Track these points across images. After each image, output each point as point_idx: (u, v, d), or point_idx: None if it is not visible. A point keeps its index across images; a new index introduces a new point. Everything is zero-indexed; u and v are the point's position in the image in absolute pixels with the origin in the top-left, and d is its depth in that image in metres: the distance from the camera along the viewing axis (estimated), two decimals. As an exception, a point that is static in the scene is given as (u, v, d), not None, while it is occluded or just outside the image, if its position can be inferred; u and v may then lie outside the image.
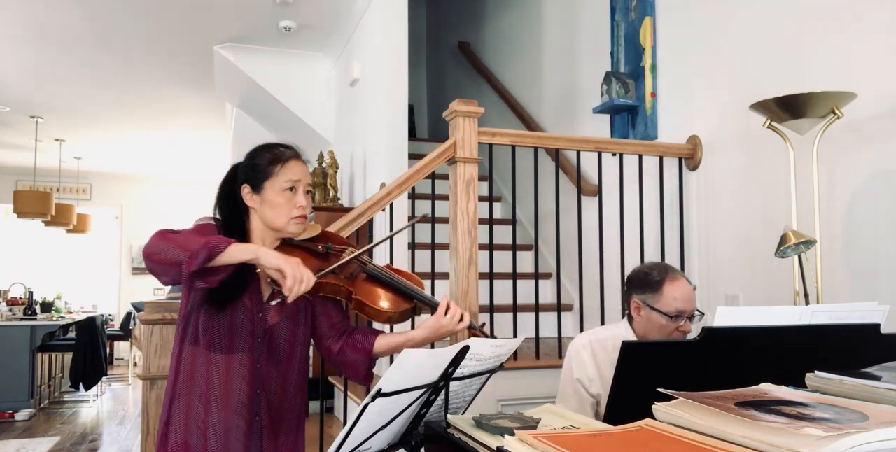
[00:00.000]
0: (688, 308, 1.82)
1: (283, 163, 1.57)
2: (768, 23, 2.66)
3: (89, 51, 5.15)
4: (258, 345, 1.53)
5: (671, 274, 1.86)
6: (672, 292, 1.82)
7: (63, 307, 8.15)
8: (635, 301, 1.89)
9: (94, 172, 9.92)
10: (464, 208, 2.60)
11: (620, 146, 2.96)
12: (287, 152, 1.60)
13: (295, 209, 1.55)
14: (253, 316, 1.53)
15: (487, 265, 3.10)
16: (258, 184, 1.56)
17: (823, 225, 2.23)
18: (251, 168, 1.59)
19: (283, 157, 1.58)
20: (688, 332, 1.83)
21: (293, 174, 1.56)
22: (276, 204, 1.55)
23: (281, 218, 1.55)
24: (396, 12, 3.95)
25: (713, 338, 1.10)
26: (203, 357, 1.50)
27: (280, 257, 1.37)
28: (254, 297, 1.55)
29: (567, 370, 1.92)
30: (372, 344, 1.60)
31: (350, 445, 1.05)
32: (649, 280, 1.86)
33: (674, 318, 1.81)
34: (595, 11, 3.82)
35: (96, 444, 5.27)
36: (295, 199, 1.55)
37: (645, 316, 1.86)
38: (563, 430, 1.00)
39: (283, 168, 1.56)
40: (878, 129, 2.23)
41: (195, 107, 6.68)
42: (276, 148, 1.61)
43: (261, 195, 1.56)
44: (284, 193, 1.54)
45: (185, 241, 1.37)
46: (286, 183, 1.55)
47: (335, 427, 3.24)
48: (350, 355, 1.60)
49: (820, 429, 0.71)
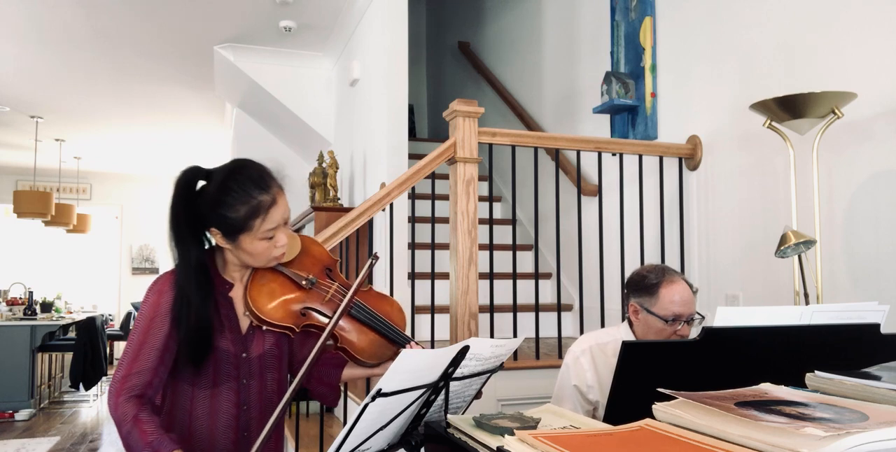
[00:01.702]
0: (685, 311, 1.79)
1: (263, 215, 1.33)
2: (768, 23, 2.66)
3: (89, 51, 5.15)
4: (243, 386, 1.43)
5: (668, 277, 1.83)
6: (668, 295, 1.80)
7: (63, 307, 8.16)
8: (633, 304, 1.87)
9: (94, 172, 9.92)
10: (464, 208, 2.60)
11: (620, 146, 2.96)
12: (266, 199, 1.33)
13: (276, 249, 1.37)
14: (238, 360, 1.41)
15: (487, 265, 3.10)
16: (231, 234, 1.34)
17: (823, 225, 2.23)
18: (221, 218, 1.33)
19: (263, 208, 1.33)
20: (686, 336, 1.80)
21: (273, 222, 1.34)
22: (254, 252, 1.36)
23: (260, 262, 1.39)
24: (396, 12, 3.95)
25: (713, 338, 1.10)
26: (187, 395, 1.40)
27: None
28: (234, 336, 1.42)
29: (565, 375, 1.90)
30: (338, 378, 1.55)
31: (350, 445, 1.04)
32: (646, 283, 1.84)
33: (670, 322, 1.78)
34: (595, 11, 3.82)
35: (96, 444, 5.27)
36: (275, 241, 1.36)
37: (643, 320, 1.85)
38: (563, 430, 1.00)
39: (263, 221, 1.33)
40: (878, 129, 2.23)
41: (195, 107, 6.68)
42: (251, 193, 1.32)
43: (235, 243, 1.36)
44: (264, 241, 1.35)
45: (127, 436, 1.28)
46: (266, 233, 1.34)
47: (335, 427, 3.23)
48: (318, 388, 1.56)
49: (820, 429, 0.71)
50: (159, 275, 1.40)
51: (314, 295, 1.44)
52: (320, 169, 4.58)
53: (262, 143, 5.89)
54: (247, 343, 1.43)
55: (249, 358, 1.43)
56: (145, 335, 1.34)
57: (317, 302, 1.44)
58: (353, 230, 2.58)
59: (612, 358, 1.83)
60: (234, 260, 1.42)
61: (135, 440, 1.27)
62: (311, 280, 1.44)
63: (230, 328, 1.42)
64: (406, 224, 3.37)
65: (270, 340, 1.46)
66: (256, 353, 1.44)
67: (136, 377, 1.32)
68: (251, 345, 1.44)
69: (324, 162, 4.61)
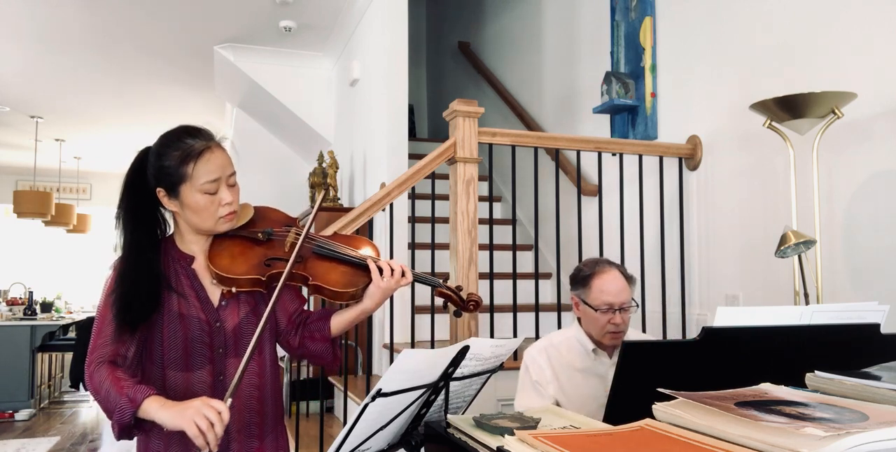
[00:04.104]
0: (616, 301, 1.82)
1: (195, 160, 1.35)
2: (768, 23, 2.66)
3: (89, 51, 5.15)
4: (219, 357, 1.41)
5: (600, 268, 1.87)
6: (599, 286, 1.84)
7: (63, 307, 8.16)
8: (573, 297, 1.93)
9: (94, 172, 9.92)
10: (464, 208, 2.60)
11: (620, 146, 2.96)
12: (197, 144, 1.36)
13: (221, 208, 1.38)
14: (210, 327, 1.40)
15: (487, 265, 3.10)
16: (172, 188, 1.37)
17: (823, 225, 2.23)
18: (160, 170, 1.37)
19: (194, 152, 1.35)
20: (619, 324, 1.83)
21: (209, 172, 1.36)
22: (197, 208, 1.37)
23: (207, 221, 1.39)
24: (396, 12, 3.95)
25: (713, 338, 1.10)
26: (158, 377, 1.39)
27: (174, 418, 1.22)
28: (203, 305, 1.41)
29: (524, 374, 1.96)
30: (329, 329, 1.50)
31: (350, 445, 1.05)
32: (581, 276, 1.90)
33: (603, 311, 1.82)
34: (595, 11, 3.82)
35: (96, 444, 5.27)
36: (219, 198, 1.38)
37: (582, 312, 1.90)
38: (563, 430, 1.00)
39: (196, 166, 1.35)
40: (878, 129, 2.23)
41: (195, 107, 6.68)
42: (183, 140, 1.37)
43: (179, 199, 1.38)
44: (205, 195, 1.36)
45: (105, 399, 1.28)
46: (205, 185, 1.36)
47: (335, 427, 3.23)
48: (311, 346, 1.50)
49: (820, 429, 0.71)
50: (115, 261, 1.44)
51: (274, 245, 1.45)
52: (320, 169, 4.58)
53: (262, 143, 5.89)
54: (219, 313, 1.43)
55: (224, 328, 1.42)
56: (104, 310, 1.37)
57: (278, 252, 1.44)
58: (353, 230, 2.58)
59: (566, 355, 1.91)
60: (187, 230, 1.44)
61: (113, 396, 1.27)
62: (266, 231, 1.45)
63: (198, 298, 1.42)
64: (406, 224, 3.37)
65: (245, 308, 1.45)
66: (231, 324, 1.43)
67: (101, 348, 1.34)
68: (225, 316, 1.43)
69: (324, 162, 4.61)
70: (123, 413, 1.25)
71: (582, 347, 1.91)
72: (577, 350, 1.92)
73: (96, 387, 1.30)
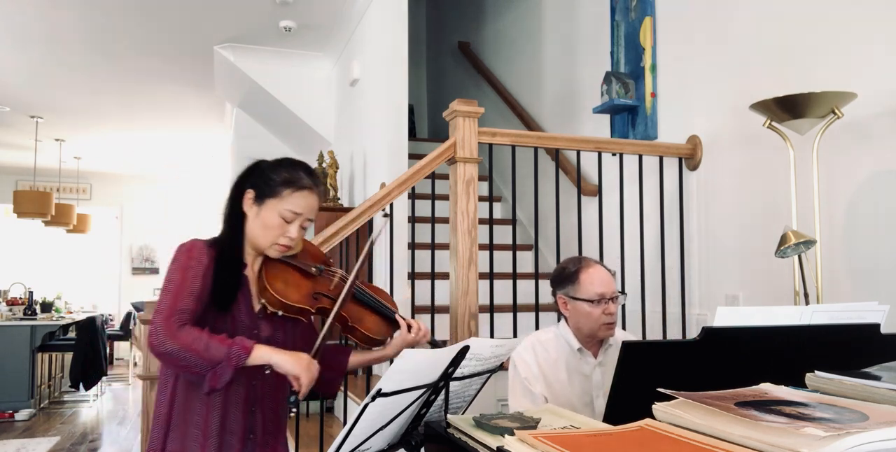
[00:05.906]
0: (607, 290, 1.88)
1: (295, 189, 1.50)
2: (768, 23, 2.66)
3: (89, 51, 5.15)
4: None
5: (585, 263, 1.94)
6: (588, 278, 1.89)
7: (63, 307, 8.16)
8: (560, 297, 1.95)
9: (94, 172, 9.92)
10: (464, 208, 2.60)
11: (620, 146, 2.96)
12: (305, 181, 1.52)
13: (283, 237, 1.50)
14: (249, 333, 1.49)
15: (487, 265, 3.10)
16: (262, 196, 1.51)
17: (823, 225, 2.23)
18: (264, 178, 1.52)
19: (298, 184, 1.51)
20: (613, 313, 1.90)
21: (298, 206, 1.50)
22: (267, 225, 1.50)
23: (265, 240, 1.51)
24: (396, 12, 3.95)
25: (713, 338, 1.10)
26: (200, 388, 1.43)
27: (294, 364, 1.37)
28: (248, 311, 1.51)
29: (513, 371, 1.98)
30: (346, 363, 1.65)
31: (350, 445, 1.05)
32: (566, 273, 1.94)
33: (597, 302, 1.87)
34: (595, 11, 3.82)
35: (96, 444, 5.27)
36: (287, 229, 1.50)
37: (572, 309, 1.92)
38: (563, 430, 1.00)
39: (293, 194, 1.50)
40: (878, 129, 2.23)
41: (195, 107, 6.68)
42: (298, 171, 1.53)
43: (259, 208, 1.51)
44: (281, 219, 1.49)
45: (205, 350, 1.33)
46: (287, 212, 1.49)
47: (335, 427, 3.23)
48: (325, 374, 1.57)
49: (820, 429, 0.71)
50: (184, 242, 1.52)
51: (322, 282, 1.59)
52: (320, 169, 4.58)
53: (262, 143, 5.89)
54: (258, 322, 1.52)
55: (259, 336, 1.50)
56: (182, 280, 1.43)
57: (325, 288, 1.58)
58: (353, 230, 2.58)
59: (553, 352, 1.95)
60: (246, 240, 1.55)
61: (215, 346, 1.34)
62: (319, 267, 1.59)
63: (244, 302, 1.52)
64: (406, 224, 3.37)
65: (279, 326, 1.54)
66: (265, 334, 1.52)
67: (181, 313, 1.39)
68: (261, 325, 1.52)
69: (324, 162, 4.62)
70: (238, 358, 1.34)
71: (568, 346, 1.94)
72: (564, 348, 1.95)
73: (187, 343, 1.34)
